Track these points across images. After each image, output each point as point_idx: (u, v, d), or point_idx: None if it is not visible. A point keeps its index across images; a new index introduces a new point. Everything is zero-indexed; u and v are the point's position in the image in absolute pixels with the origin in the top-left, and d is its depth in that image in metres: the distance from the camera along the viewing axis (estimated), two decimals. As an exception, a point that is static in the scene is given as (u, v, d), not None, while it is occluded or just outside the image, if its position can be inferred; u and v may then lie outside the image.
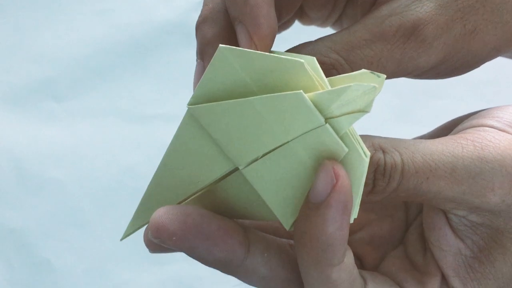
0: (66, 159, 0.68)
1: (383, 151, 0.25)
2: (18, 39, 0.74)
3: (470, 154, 0.25)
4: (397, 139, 0.26)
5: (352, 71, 0.26)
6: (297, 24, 0.36)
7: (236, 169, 0.26)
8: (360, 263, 0.31)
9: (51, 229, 0.65)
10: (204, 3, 0.30)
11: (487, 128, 0.27)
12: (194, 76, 0.29)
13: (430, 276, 0.28)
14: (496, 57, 0.30)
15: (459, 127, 0.29)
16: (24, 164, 0.68)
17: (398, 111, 0.64)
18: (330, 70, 0.26)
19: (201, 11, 0.29)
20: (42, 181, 0.67)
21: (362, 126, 0.61)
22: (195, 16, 0.30)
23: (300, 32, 0.37)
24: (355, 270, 0.27)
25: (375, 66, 0.27)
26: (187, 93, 0.31)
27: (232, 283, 0.63)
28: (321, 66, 0.25)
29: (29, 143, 0.69)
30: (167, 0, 0.73)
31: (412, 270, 0.29)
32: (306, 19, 0.34)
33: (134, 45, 0.73)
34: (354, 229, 0.32)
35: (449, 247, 0.27)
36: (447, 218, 0.27)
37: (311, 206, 0.24)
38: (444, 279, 0.28)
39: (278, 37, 0.36)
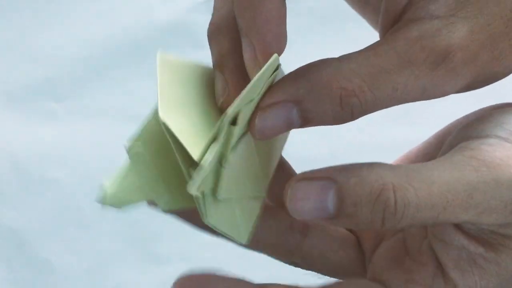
0: (66, 159, 0.68)
1: (394, 189, 0.24)
2: (18, 39, 0.74)
3: (485, 178, 0.25)
4: (410, 169, 0.25)
5: (375, 99, 0.25)
6: (303, 23, 0.36)
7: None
8: (359, 246, 0.31)
9: (51, 229, 0.65)
10: (214, 7, 0.29)
11: (492, 141, 0.26)
12: (216, 89, 0.28)
13: (421, 266, 0.27)
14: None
15: (459, 135, 0.28)
16: (24, 164, 0.68)
17: (397, 111, 0.64)
18: (350, 97, 0.25)
19: (213, 17, 0.29)
20: (42, 181, 0.67)
21: (362, 126, 0.61)
22: (195, 16, 0.30)
23: (307, 32, 0.37)
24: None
25: (400, 92, 0.25)
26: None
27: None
28: (342, 92, 0.25)
29: (29, 143, 0.69)
30: (167, 0, 0.73)
31: (402, 258, 0.28)
32: None
33: (134, 45, 0.73)
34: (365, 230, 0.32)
35: (452, 242, 0.27)
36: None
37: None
38: (438, 270, 0.27)
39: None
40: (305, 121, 0.26)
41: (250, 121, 0.26)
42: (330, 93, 0.25)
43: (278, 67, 0.27)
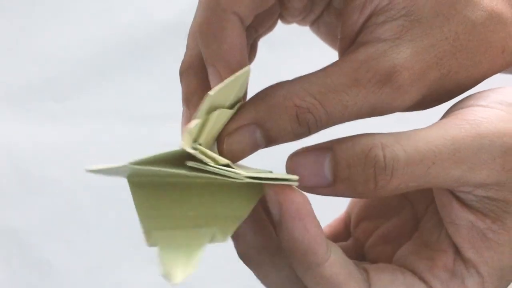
0: (66, 159, 0.68)
1: (383, 147, 0.26)
2: (18, 39, 0.74)
3: (468, 132, 0.27)
4: (399, 132, 0.27)
5: (328, 115, 0.28)
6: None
7: None
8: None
9: (51, 229, 0.65)
10: (187, 47, 0.31)
11: (475, 108, 0.28)
12: (182, 122, 0.31)
13: (441, 252, 0.29)
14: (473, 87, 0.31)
15: (449, 110, 0.30)
16: (24, 164, 0.68)
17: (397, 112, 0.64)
18: (305, 113, 0.27)
19: (185, 56, 0.31)
20: (42, 181, 0.67)
21: (362, 127, 0.61)
22: (195, 16, 0.30)
23: (300, 33, 0.37)
24: (349, 264, 0.28)
25: (350, 109, 0.27)
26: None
27: (232, 283, 0.63)
28: (297, 110, 0.27)
29: (29, 143, 0.69)
30: (167, 0, 0.73)
31: (423, 251, 0.30)
32: (283, 20, 0.35)
33: (134, 45, 0.73)
34: (363, 238, 0.33)
35: (461, 221, 0.28)
36: (455, 196, 0.28)
37: (277, 223, 0.27)
38: (457, 254, 0.29)
39: (273, 37, 0.36)
40: (269, 140, 0.28)
41: (218, 145, 0.28)
42: (286, 111, 0.28)
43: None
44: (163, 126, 0.67)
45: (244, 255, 0.30)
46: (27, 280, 0.64)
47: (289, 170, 0.27)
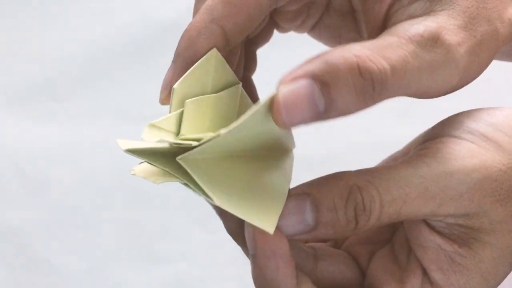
0: (66, 159, 0.68)
1: (359, 189, 0.27)
2: (18, 39, 0.74)
3: (435, 170, 0.27)
4: (370, 170, 0.28)
5: (391, 68, 0.26)
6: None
7: None
8: (356, 262, 0.32)
9: (51, 229, 0.65)
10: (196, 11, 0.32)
11: (444, 139, 0.29)
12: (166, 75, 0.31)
13: (411, 274, 0.29)
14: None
15: (419, 138, 0.30)
16: (24, 164, 0.68)
17: (397, 111, 0.64)
18: (367, 63, 0.25)
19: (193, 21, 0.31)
20: (42, 181, 0.67)
21: (362, 127, 0.61)
22: (195, 16, 0.31)
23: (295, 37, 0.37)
24: None
25: (411, 66, 0.26)
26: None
27: (232, 283, 0.63)
28: (358, 60, 0.25)
29: (29, 143, 0.69)
30: (167, 0, 0.73)
31: (395, 270, 0.30)
32: (280, 29, 0.36)
33: (134, 45, 0.73)
34: (340, 239, 0.34)
35: (428, 243, 0.29)
36: (425, 222, 0.29)
37: (250, 257, 0.28)
38: (425, 276, 0.29)
39: (273, 35, 0.36)
40: (329, 98, 0.25)
41: (273, 106, 0.25)
42: (346, 61, 0.25)
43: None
44: (163, 126, 0.67)
45: (231, 230, 0.30)
46: (27, 280, 0.64)
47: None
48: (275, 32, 0.36)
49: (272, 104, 0.25)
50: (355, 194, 0.27)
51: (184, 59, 0.30)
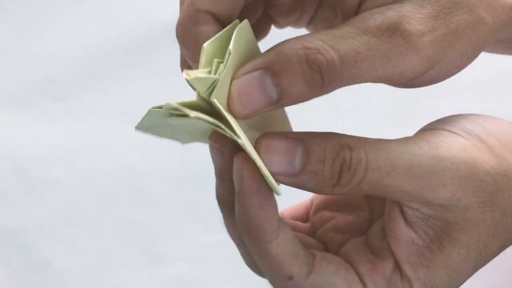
0: (66, 159, 0.68)
1: (350, 149, 0.28)
2: (18, 39, 0.74)
3: (426, 152, 0.28)
4: (364, 138, 0.29)
5: (340, 60, 0.27)
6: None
7: None
8: (324, 247, 0.33)
9: (51, 229, 0.65)
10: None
11: (441, 131, 0.29)
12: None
13: (383, 260, 0.30)
14: (478, 56, 0.31)
15: (419, 130, 0.31)
16: (24, 164, 0.68)
17: (395, 112, 0.64)
18: (315, 54, 0.27)
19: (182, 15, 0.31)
20: (42, 181, 0.67)
21: (360, 128, 0.61)
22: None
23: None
24: (296, 245, 0.30)
25: (363, 56, 0.27)
26: (187, 93, 0.31)
27: (232, 283, 0.63)
28: (306, 51, 0.27)
29: (29, 143, 0.69)
30: (167, 1, 0.73)
31: (368, 254, 0.31)
32: (276, 24, 0.36)
33: (134, 45, 0.73)
34: (319, 224, 0.35)
35: (402, 237, 0.30)
36: (402, 212, 0.30)
37: (236, 195, 0.28)
38: (396, 265, 0.30)
39: (272, 32, 0.36)
40: (280, 90, 0.27)
41: (228, 99, 0.27)
42: (296, 53, 0.27)
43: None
44: (163, 126, 0.67)
45: (220, 197, 0.31)
46: (27, 280, 0.64)
47: (261, 149, 0.28)
48: (274, 29, 0.36)
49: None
50: (345, 152, 0.28)
51: (190, 45, 0.30)
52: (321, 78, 0.27)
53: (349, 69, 0.27)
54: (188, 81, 0.26)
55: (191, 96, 0.28)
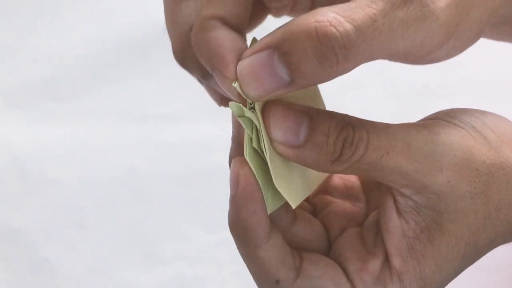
0: (66, 159, 0.68)
1: (353, 127, 0.28)
2: (18, 39, 0.74)
3: (425, 137, 0.28)
4: (367, 120, 0.29)
5: (357, 31, 0.24)
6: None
7: None
8: (327, 234, 0.34)
9: (51, 229, 0.65)
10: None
11: (440, 121, 0.30)
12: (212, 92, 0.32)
13: (374, 256, 0.31)
14: (486, 28, 0.31)
15: (419, 120, 0.31)
16: (24, 164, 0.68)
17: (395, 112, 0.64)
18: (326, 27, 0.24)
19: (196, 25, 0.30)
20: (42, 181, 0.67)
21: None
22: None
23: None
24: (285, 251, 0.30)
25: (381, 24, 0.25)
26: (187, 93, 0.31)
27: (232, 283, 0.63)
28: (316, 24, 0.24)
29: (29, 143, 0.69)
30: (167, 0, 0.73)
31: (360, 250, 0.31)
32: (273, 12, 0.35)
33: (134, 45, 0.73)
34: (319, 207, 0.35)
35: (394, 229, 0.30)
36: (395, 202, 0.30)
37: (230, 198, 0.29)
38: (386, 262, 0.31)
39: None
40: (290, 68, 0.25)
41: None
42: (305, 28, 0.24)
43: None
44: (163, 126, 0.68)
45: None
46: (27, 280, 0.64)
47: (270, 114, 0.28)
48: (271, 18, 0.36)
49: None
50: (349, 129, 0.28)
51: (221, 61, 0.29)
52: (335, 54, 0.24)
53: (366, 40, 0.25)
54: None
55: (191, 96, 0.28)
